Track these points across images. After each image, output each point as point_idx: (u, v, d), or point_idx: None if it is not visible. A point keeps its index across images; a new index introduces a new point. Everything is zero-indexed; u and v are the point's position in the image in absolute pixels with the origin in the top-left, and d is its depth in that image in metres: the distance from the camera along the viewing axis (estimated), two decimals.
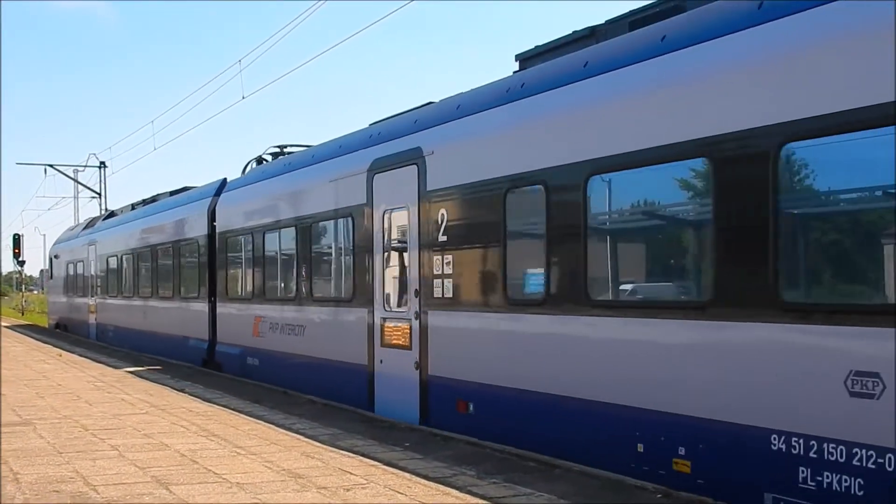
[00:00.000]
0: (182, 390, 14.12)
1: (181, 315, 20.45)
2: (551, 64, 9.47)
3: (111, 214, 31.65)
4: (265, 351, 15.72)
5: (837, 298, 6.43)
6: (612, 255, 8.56)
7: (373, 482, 7.36)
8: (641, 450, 7.61)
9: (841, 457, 6.01)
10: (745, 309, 6.72)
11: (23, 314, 58.71)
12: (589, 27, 9.40)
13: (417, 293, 10.94)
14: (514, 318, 9.29)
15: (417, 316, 10.93)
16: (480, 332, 9.88)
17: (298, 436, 9.80)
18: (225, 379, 15.85)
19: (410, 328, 11.09)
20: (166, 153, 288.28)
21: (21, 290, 75.56)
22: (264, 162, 18.29)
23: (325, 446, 9.11)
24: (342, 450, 8.92)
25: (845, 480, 5.99)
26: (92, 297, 29.76)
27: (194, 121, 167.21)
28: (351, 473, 7.71)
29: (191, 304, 19.73)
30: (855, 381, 5.90)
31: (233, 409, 11.87)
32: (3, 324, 40.88)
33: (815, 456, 6.18)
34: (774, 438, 6.44)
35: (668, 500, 6.71)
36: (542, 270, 8.91)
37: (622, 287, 8.39)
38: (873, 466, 5.82)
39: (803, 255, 6.76)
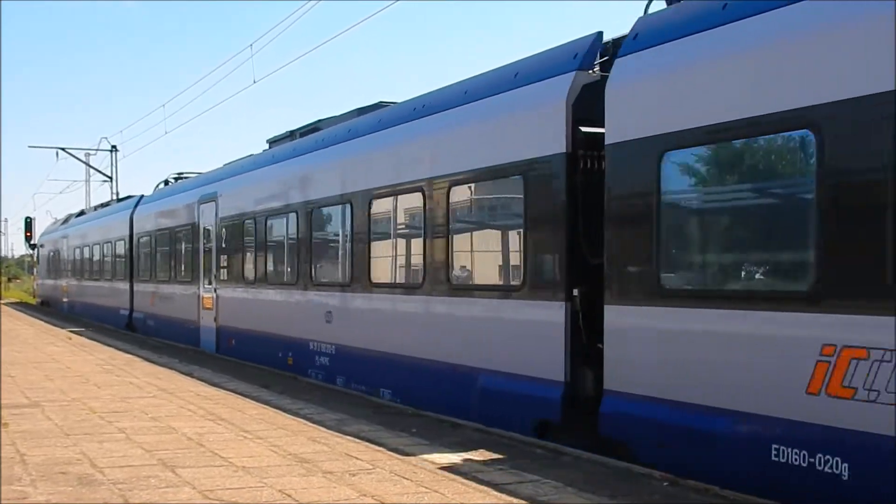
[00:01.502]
0: (190, 374, 14.26)
1: (115, 293, 28.29)
2: (264, 153, 17.23)
3: (81, 213, 39.47)
4: (154, 314, 23.59)
5: (371, 279, 14.17)
6: (279, 256, 16.30)
7: (378, 467, 7.38)
8: (280, 355, 15.31)
9: (323, 349, 13.69)
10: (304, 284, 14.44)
11: (34, 297, 57.50)
12: (289, 130, 17.05)
13: (216, 276, 18.68)
14: (246, 290, 17.10)
15: (215, 290, 18.68)
16: (235, 299, 17.66)
17: (305, 421, 9.79)
18: (232, 363, 16.32)
19: (213, 297, 18.85)
20: (177, 137, 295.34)
21: (33, 273, 71.28)
22: (169, 183, 26.02)
23: (331, 431, 9.12)
24: (348, 435, 8.91)
25: (324, 359, 13.67)
26: (64, 279, 37.64)
27: (206, 105, 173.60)
28: (357, 458, 7.73)
29: (119, 285, 27.58)
30: (325, 316, 13.58)
31: (240, 394, 11.96)
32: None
33: (317, 349, 13.86)
34: (310, 344, 14.13)
35: (674, 488, 6.84)
36: (254, 265, 16.64)
37: (275, 272, 16.13)
38: (331, 352, 13.48)
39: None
